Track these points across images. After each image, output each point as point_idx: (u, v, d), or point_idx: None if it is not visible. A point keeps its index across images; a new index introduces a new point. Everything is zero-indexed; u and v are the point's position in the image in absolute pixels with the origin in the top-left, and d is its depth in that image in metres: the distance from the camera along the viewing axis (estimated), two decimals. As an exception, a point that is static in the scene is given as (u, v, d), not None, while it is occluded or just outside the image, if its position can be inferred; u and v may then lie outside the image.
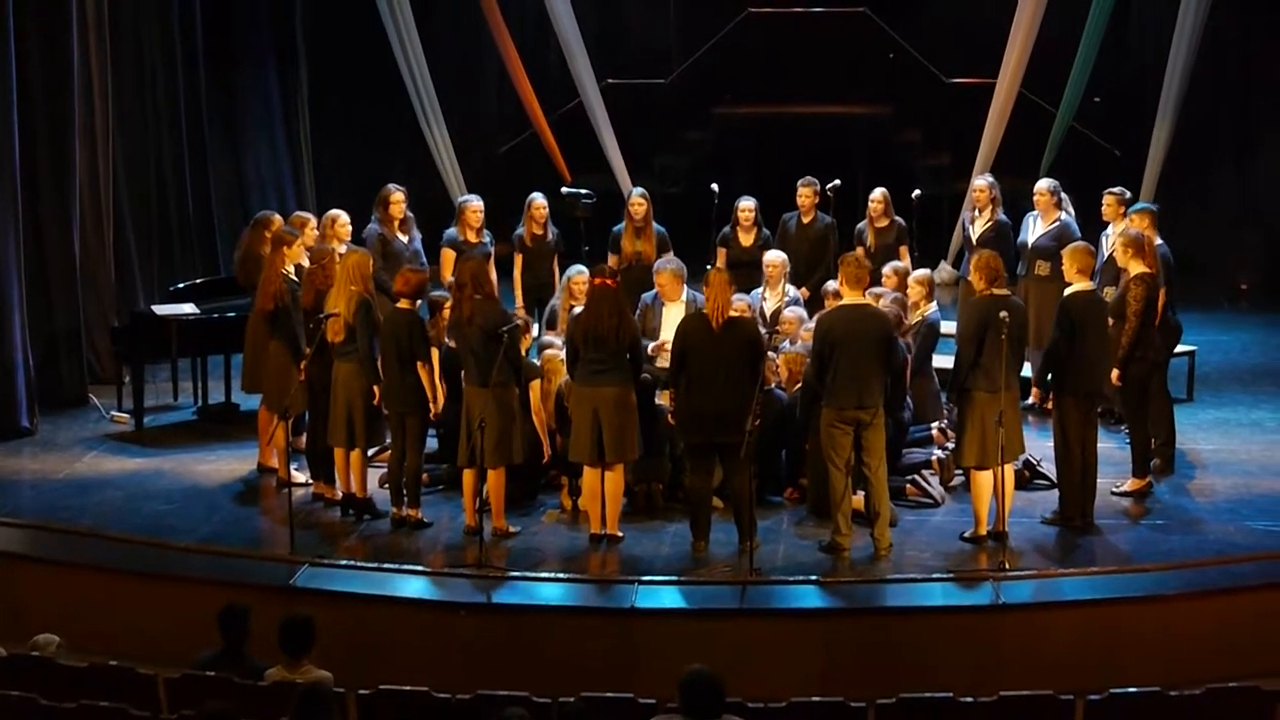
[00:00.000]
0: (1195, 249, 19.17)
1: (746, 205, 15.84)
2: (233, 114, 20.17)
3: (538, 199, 15.93)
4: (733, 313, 12.21)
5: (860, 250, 15.46)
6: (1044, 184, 15.47)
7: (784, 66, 22.89)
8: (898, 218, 15.89)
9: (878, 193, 15.89)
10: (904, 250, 15.66)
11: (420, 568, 12.09)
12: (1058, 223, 15.16)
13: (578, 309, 13.23)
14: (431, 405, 12.75)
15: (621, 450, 12.34)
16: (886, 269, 14.38)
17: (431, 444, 13.33)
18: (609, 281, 12.39)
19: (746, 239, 15.81)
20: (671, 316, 13.76)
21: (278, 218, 14.76)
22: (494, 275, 14.34)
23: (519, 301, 15.60)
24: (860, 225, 15.96)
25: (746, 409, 11.70)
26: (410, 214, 15.55)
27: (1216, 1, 19.29)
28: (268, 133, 20.67)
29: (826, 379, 12.00)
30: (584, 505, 12.74)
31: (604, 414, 12.25)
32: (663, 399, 13.22)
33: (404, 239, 15.44)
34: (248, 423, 14.92)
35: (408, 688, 9.36)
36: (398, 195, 15.46)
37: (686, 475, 12.69)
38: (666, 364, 13.37)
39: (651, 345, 13.63)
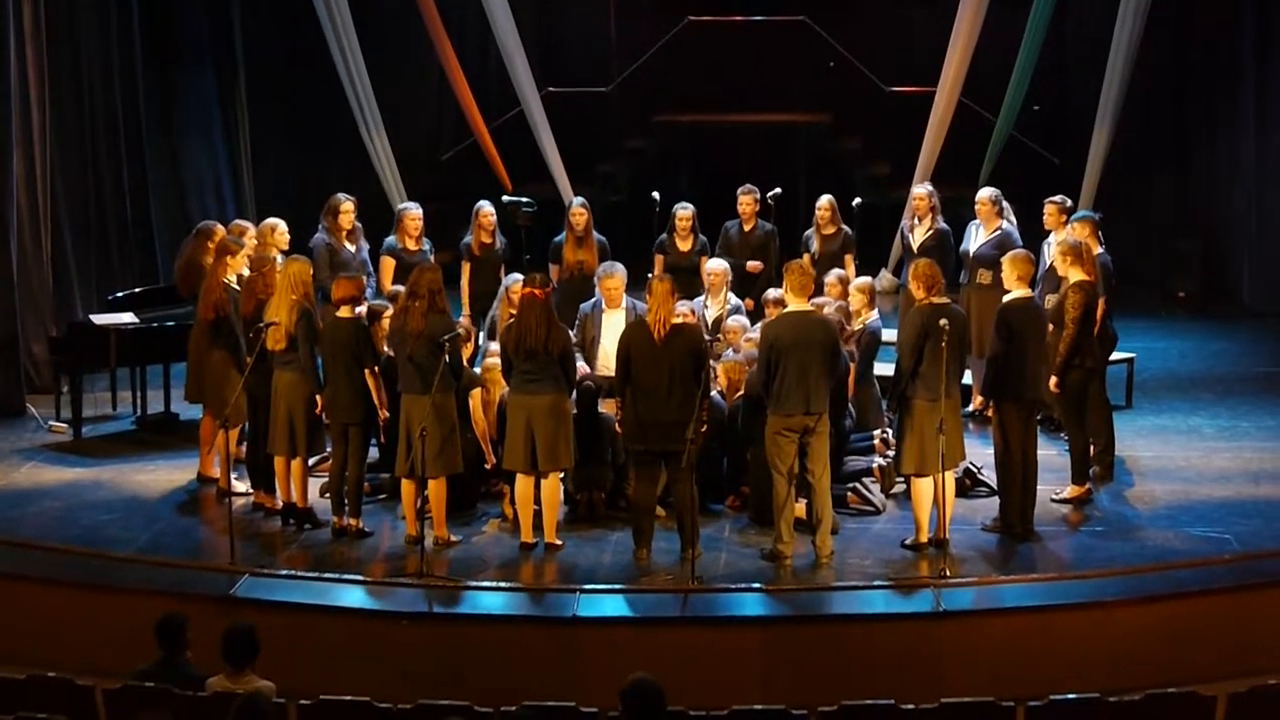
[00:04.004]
0: (1133, 257, 19.29)
1: (684, 212, 15.88)
2: (171, 120, 20.10)
3: (485, 207, 15.91)
4: (676, 320, 12.24)
5: (806, 257, 15.50)
6: (985, 193, 15.55)
7: (724, 75, 22.91)
8: (845, 226, 15.95)
9: (824, 200, 15.96)
10: (849, 259, 15.72)
11: (361, 577, 12.05)
12: (999, 231, 15.24)
13: (519, 317, 13.22)
14: (381, 412, 12.73)
15: (555, 459, 12.34)
16: (830, 277, 14.42)
17: (372, 453, 13.28)
18: (536, 291, 12.38)
19: (684, 245, 15.84)
20: (612, 324, 13.79)
21: (220, 227, 14.68)
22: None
23: (465, 310, 15.57)
24: (807, 232, 16.03)
25: (691, 417, 11.72)
26: (358, 224, 15.50)
27: (1152, 13, 19.41)
28: (206, 139, 20.60)
29: (773, 386, 12.02)
30: (514, 511, 12.73)
31: (537, 422, 12.26)
32: (606, 407, 13.22)
33: (351, 248, 15.38)
34: (187, 432, 14.88)
35: (349, 698, 9.33)
36: (348, 205, 15.41)
37: (631, 484, 12.70)
38: (608, 373, 13.41)
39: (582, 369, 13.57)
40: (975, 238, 15.43)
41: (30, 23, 16.47)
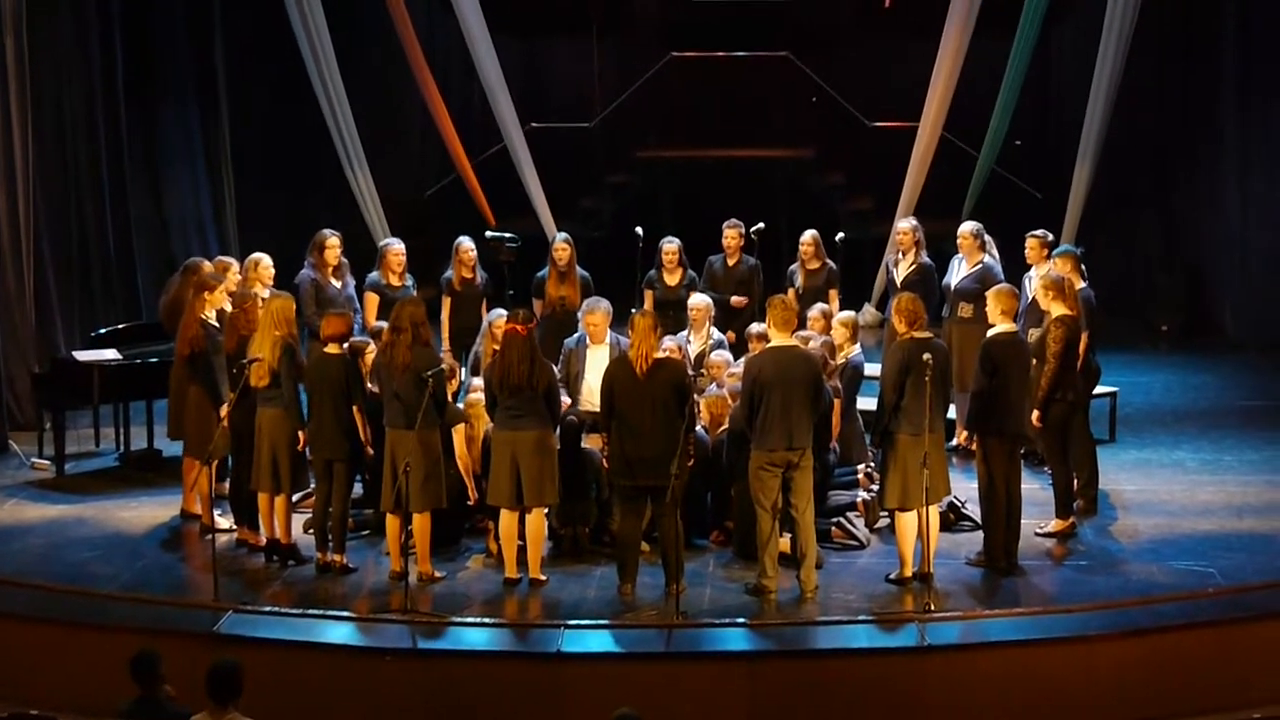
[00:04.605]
0: (1116, 291, 19.33)
1: (670, 246, 15.92)
2: (154, 156, 20.07)
3: (465, 243, 15.94)
4: (660, 354, 12.25)
5: (790, 292, 15.51)
6: (967, 227, 15.58)
7: (707, 110, 23.01)
8: (829, 261, 15.97)
9: (808, 235, 15.98)
10: (834, 294, 15.74)
11: (345, 613, 12.01)
12: (980, 265, 15.27)
13: (502, 353, 13.22)
14: (366, 448, 12.73)
15: (540, 494, 12.33)
16: (813, 311, 14.42)
17: (356, 489, 13.26)
18: (519, 328, 12.38)
19: (671, 279, 15.88)
20: (596, 360, 13.78)
21: (206, 263, 14.69)
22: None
23: (446, 345, 15.57)
24: (792, 267, 16.06)
25: (675, 452, 11.73)
26: (345, 260, 15.50)
27: (1134, 49, 19.48)
28: (190, 175, 20.58)
29: (756, 421, 12.02)
30: (498, 547, 12.72)
31: (522, 458, 12.26)
32: (589, 442, 13.22)
33: (338, 285, 15.37)
34: (170, 469, 14.85)
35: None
36: (333, 240, 15.40)
37: (616, 519, 12.69)
38: (591, 408, 13.40)
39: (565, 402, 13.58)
40: (957, 271, 15.46)
41: (13, 59, 16.47)
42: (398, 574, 12.38)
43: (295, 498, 13.18)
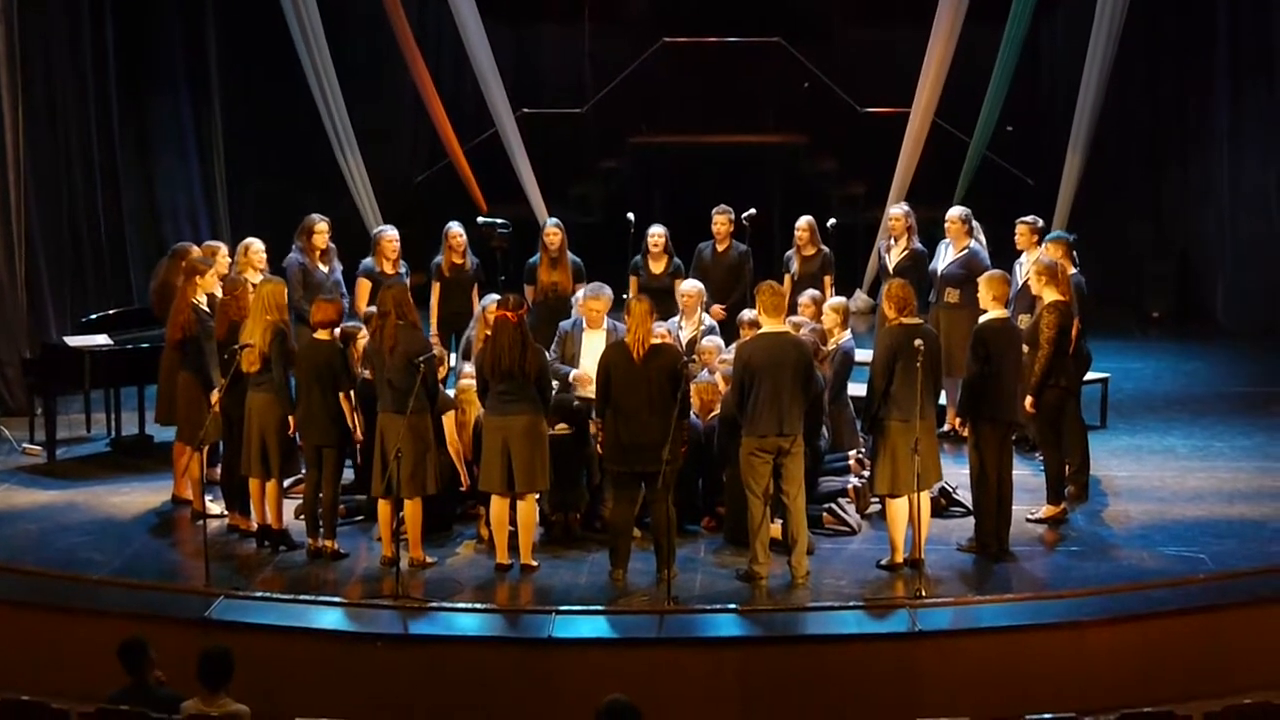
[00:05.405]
0: (1107, 277, 19.33)
1: (655, 232, 15.89)
2: (146, 142, 20.05)
3: (454, 228, 15.92)
4: (654, 340, 12.25)
5: (786, 278, 15.50)
6: (955, 211, 15.57)
7: (699, 96, 23.00)
8: (824, 247, 15.96)
9: (803, 221, 15.98)
10: (828, 280, 15.73)
11: (336, 599, 12.00)
12: (967, 250, 15.27)
13: (494, 338, 13.21)
14: (356, 434, 12.73)
15: (531, 480, 12.30)
16: (803, 298, 14.42)
17: (347, 475, 13.25)
18: (509, 314, 12.36)
19: (656, 266, 15.84)
20: (592, 344, 13.77)
21: (195, 248, 14.67)
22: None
23: (434, 330, 15.54)
24: (788, 253, 16.06)
25: (670, 437, 11.73)
26: (333, 245, 15.49)
27: (1126, 35, 19.48)
28: (182, 161, 20.56)
29: (747, 408, 12.02)
30: (490, 533, 12.71)
31: (514, 444, 12.24)
32: (594, 427, 13.20)
33: (325, 269, 15.37)
34: (162, 454, 14.82)
35: (324, 720, 9.32)
36: (322, 225, 15.39)
37: (608, 504, 12.69)
38: (586, 394, 13.38)
39: (572, 374, 13.62)
40: (944, 257, 15.46)
41: (4, 48, 16.44)
42: (389, 559, 12.38)
43: (286, 483, 13.18)
